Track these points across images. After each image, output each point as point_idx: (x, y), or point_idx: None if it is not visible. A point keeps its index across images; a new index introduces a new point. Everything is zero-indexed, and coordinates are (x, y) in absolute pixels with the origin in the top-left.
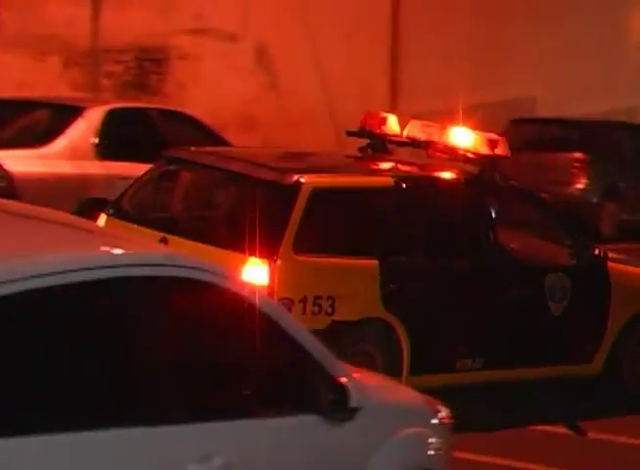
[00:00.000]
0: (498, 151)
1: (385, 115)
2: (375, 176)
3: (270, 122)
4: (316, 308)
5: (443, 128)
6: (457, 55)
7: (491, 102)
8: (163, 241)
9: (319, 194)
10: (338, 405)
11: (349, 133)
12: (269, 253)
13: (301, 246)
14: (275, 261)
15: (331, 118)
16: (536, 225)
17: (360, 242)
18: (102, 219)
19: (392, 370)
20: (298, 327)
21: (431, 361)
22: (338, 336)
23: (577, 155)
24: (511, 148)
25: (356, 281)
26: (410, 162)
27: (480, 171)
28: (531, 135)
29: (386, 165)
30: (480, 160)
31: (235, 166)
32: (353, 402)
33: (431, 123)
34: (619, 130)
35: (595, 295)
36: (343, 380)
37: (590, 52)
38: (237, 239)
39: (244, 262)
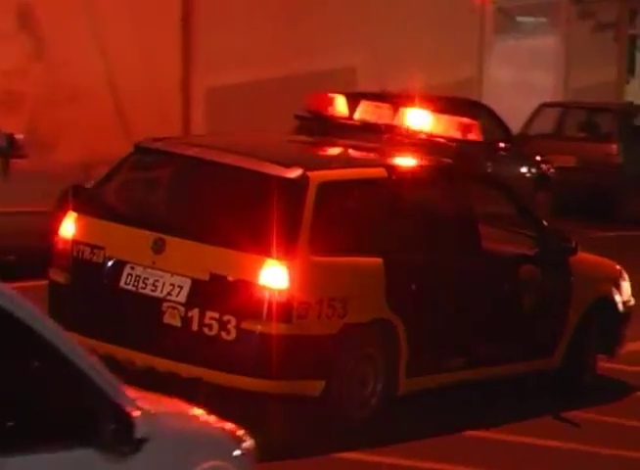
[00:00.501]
0: (471, 136)
1: (332, 95)
2: (371, 168)
3: (38, 99)
4: (330, 311)
5: (395, 110)
6: (261, 23)
7: (306, 73)
8: (159, 242)
9: (326, 188)
10: (121, 437)
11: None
12: (286, 254)
13: (314, 245)
14: (293, 263)
15: (112, 94)
16: (497, 215)
17: (364, 238)
18: (71, 217)
19: (391, 372)
20: (74, 346)
21: (426, 362)
22: (349, 340)
23: None
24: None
25: (364, 280)
26: (374, 147)
27: (456, 158)
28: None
29: (370, 154)
30: (445, 145)
31: (230, 159)
32: (140, 433)
33: (381, 104)
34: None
35: (558, 285)
36: (128, 407)
37: (417, 20)
38: (248, 240)
39: (260, 265)
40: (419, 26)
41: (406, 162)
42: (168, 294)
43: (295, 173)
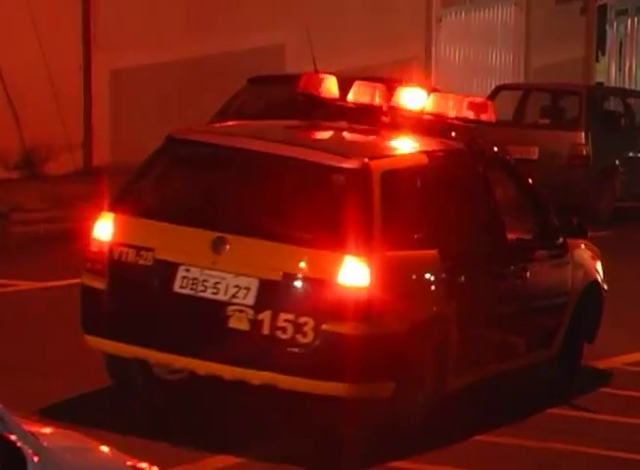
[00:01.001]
0: (485, 116)
1: (323, 76)
2: (414, 154)
3: None
4: (402, 308)
5: (391, 89)
6: (169, 2)
7: (225, 52)
8: (220, 242)
9: (386, 178)
10: None
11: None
12: (364, 249)
13: (385, 239)
14: (371, 259)
15: (1, 78)
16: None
17: (421, 229)
18: (107, 218)
19: (443, 369)
20: None
21: (469, 357)
22: (416, 337)
23: None
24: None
25: (425, 274)
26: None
27: (470, 141)
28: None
29: (401, 139)
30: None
31: (286, 151)
32: (31, 469)
33: (376, 85)
34: None
35: (561, 270)
36: (19, 442)
37: None
38: (323, 236)
39: (339, 262)
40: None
41: (437, 147)
42: (233, 296)
43: (357, 163)
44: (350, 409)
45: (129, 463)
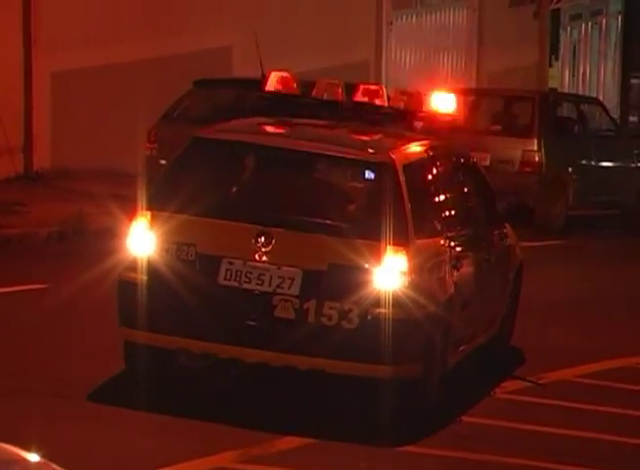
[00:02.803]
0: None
1: (286, 74)
2: (419, 146)
3: None
4: (432, 293)
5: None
6: (113, 3)
7: (171, 55)
8: (264, 235)
9: (407, 170)
10: None
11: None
12: (403, 238)
13: (416, 228)
14: (408, 247)
15: None
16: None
17: (434, 217)
18: (145, 216)
19: (448, 349)
20: None
21: (464, 335)
22: (440, 320)
23: None
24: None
25: (442, 260)
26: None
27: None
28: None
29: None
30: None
31: (317, 147)
32: None
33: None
34: None
35: (509, 250)
36: None
37: None
38: (364, 227)
39: (381, 252)
40: (306, 1)
41: (430, 141)
42: (278, 287)
43: (383, 157)
44: (387, 390)
45: None
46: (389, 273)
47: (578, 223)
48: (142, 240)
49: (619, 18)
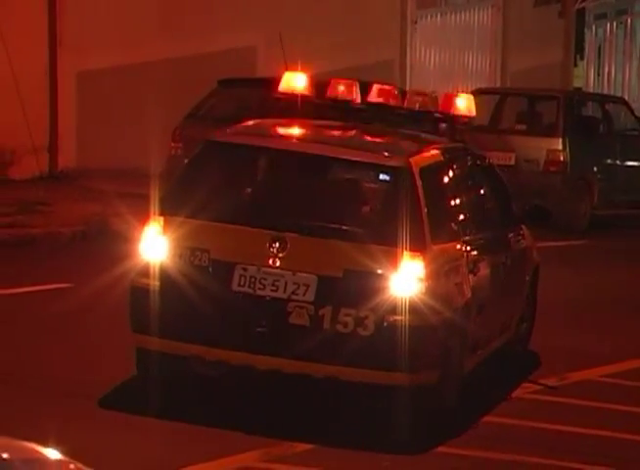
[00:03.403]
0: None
1: (301, 75)
2: (432, 149)
3: None
4: (449, 299)
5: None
6: (138, 3)
7: (196, 55)
8: (279, 241)
9: (424, 174)
10: None
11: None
12: (420, 244)
13: (432, 233)
14: (425, 253)
15: None
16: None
17: (451, 222)
18: (159, 221)
19: (462, 355)
20: None
21: (481, 340)
22: (457, 325)
23: None
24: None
25: (459, 265)
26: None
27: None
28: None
29: (425, 136)
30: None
31: (332, 151)
32: None
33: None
34: None
35: (521, 261)
36: None
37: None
38: (380, 233)
39: (398, 258)
40: (330, 1)
41: (444, 143)
42: (293, 293)
43: (402, 161)
44: (403, 397)
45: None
46: (406, 279)
47: (603, 223)
48: (155, 245)
49: None
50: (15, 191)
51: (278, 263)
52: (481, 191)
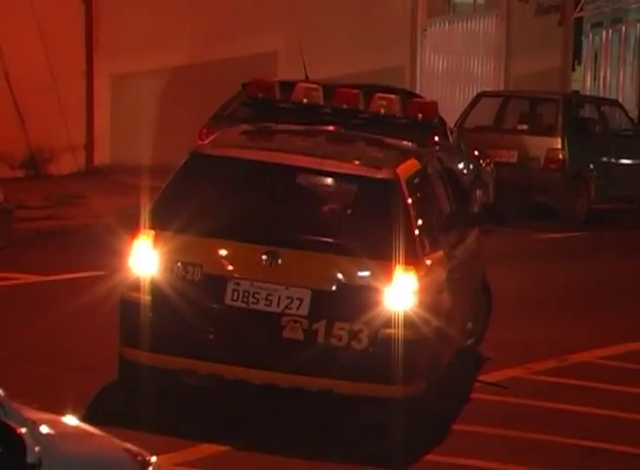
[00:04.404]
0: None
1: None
2: (409, 158)
3: None
4: (438, 310)
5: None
6: (168, 6)
7: (222, 59)
8: (272, 255)
9: (409, 185)
10: (9, 462)
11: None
12: (412, 258)
13: (420, 245)
14: (418, 266)
15: (6, 82)
16: None
17: (433, 233)
18: (148, 236)
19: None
20: None
21: (450, 339)
22: (445, 335)
23: None
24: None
25: (442, 276)
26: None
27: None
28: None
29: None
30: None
31: (319, 164)
32: (31, 458)
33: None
34: None
35: (478, 260)
36: (19, 429)
37: (343, 1)
38: (373, 246)
39: (391, 271)
40: (345, 9)
41: (416, 149)
42: (287, 307)
43: (388, 173)
44: (396, 408)
45: (131, 451)
46: (400, 293)
47: (599, 216)
48: (145, 259)
49: (638, 26)
50: (53, 185)
51: (271, 278)
52: (448, 195)
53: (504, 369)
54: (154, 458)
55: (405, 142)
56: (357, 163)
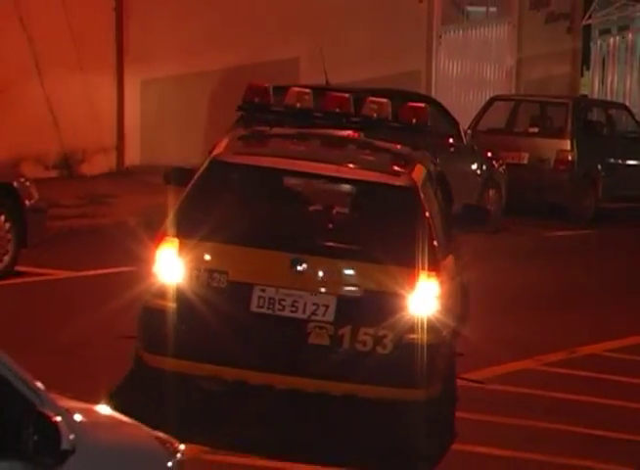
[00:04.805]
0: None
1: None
2: (415, 164)
3: None
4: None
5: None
6: (200, 11)
7: (246, 65)
8: (297, 262)
9: (423, 190)
10: (45, 448)
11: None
12: (434, 264)
13: (440, 250)
14: (439, 272)
15: (41, 86)
16: None
17: (441, 236)
18: (172, 244)
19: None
20: None
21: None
22: (454, 338)
23: None
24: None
25: (453, 280)
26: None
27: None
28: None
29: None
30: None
31: (341, 171)
32: (65, 445)
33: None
34: None
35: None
36: (54, 417)
37: (361, 9)
38: (397, 253)
39: (415, 278)
40: (363, 16)
41: (416, 155)
42: (313, 314)
43: (406, 180)
44: (418, 411)
45: (161, 439)
46: (423, 299)
47: (607, 215)
48: (170, 267)
49: None
50: (85, 185)
51: (297, 285)
52: (441, 197)
53: (514, 362)
54: (182, 446)
55: (402, 146)
56: (376, 169)
